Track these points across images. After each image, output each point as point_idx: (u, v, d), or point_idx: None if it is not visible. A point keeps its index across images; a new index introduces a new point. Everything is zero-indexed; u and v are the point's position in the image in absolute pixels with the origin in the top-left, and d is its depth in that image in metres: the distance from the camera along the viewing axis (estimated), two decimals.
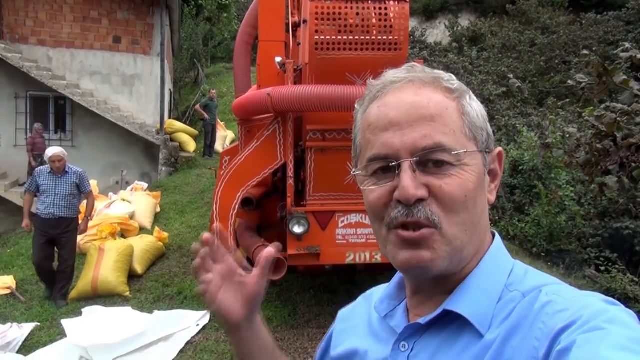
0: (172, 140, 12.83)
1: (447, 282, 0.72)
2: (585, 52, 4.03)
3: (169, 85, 14.71)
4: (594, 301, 0.62)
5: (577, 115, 10.34)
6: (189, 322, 5.04)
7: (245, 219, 4.84)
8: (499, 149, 0.78)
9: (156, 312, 5.32)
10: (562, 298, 0.64)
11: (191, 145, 13.41)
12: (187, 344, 4.66)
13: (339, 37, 3.82)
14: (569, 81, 3.85)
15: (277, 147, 4.25)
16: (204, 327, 4.98)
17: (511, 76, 3.79)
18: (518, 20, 19.11)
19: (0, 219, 11.08)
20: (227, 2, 22.63)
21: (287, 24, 5.19)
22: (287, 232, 4.30)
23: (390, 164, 0.70)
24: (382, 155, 0.71)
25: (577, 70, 14.46)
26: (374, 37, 3.83)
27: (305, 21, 4.06)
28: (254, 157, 4.27)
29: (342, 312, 1.00)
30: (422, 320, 0.72)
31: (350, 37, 3.81)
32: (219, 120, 14.03)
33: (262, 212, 4.92)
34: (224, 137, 14.28)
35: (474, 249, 0.72)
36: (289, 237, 4.26)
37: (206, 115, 12.93)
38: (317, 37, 3.77)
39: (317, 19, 3.78)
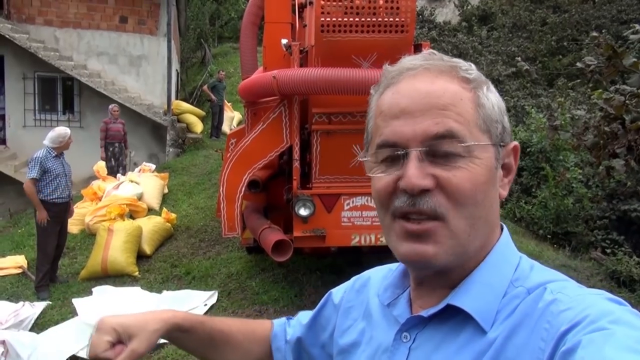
0: (179, 121, 12.85)
1: (451, 275, 0.71)
2: (594, 34, 3.98)
3: (175, 66, 14.67)
4: (599, 300, 0.61)
5: (587, 96, 10.22)
6: (197, 301, 5.12)
7: (251, 201, 4.88)
8: (514, 143, 0.75)
9: (165, 292, 5.41)
10: (567, 296, 0.63)
11: (198, 127, 13.42)
12: None
13: (345, 19, 3.78)
14: (578, 63, 3.80)
15: (283, 130, 4.25)
16: (212, 307, 5.07)
17: (519, 58, 3.75)
18: None
19: (11, 199, 11.21)
20: None
21: (293, 5, 5.14)
22: (292, 214, 4.34)
23: (398, 152, 0.69)
24: (390, 143, 0.70)
25: (588, 50, 14.23)
26: (380, 19, 3.79)
27: (311, 2, 4.03)
28: (260, 139, 4.28)
29: (336, 294, 0.99)
30: (425, 313, 0.72)
31: (357, 19, 3.78)
32: (226, 102, 14.00)
33: (268, 195, 4.95)
34: (231, 118, 14.27)
35: (480, 244, 0.71)
36: (295, 219, 4.29)
37: (213, 96, 12.91)
38: (323, 19, 3.74)
39: (323, 0, 3.74)
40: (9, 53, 11.41)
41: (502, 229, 0.76)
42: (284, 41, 4.38)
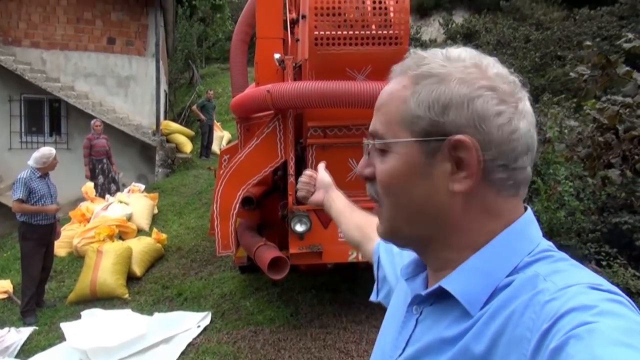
0: (168, 141, 12.76)
1: (446, 260, 0.76)
2: (587, 43, 4.01)
3: (164, 87, 14.63)
4: (583, 290, 0.61)
5: (573, 110, 10.33)
6: (189, 323, 4.99)
7: (245, 218, 4.78)
8: (457, 137, 0.70)
9: (156, 314, 5.26)
10: (554, 285, 0.63)
11: (187, 146, 13.35)
12: (188, 345, 4.60)
13: (339, 32, 3.77)
14: (571, 73, 3.81)
15: (277, 145, 4.19)
16: (205, 329, 4.92)
17: (512, 71, 3.75)
18: (512, 16, 19.09)
19: None
20: (221, 2, 22.56)
21: (285, 21, 5.14)
22: (288, 230, 4.25)
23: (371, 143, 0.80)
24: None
25: (572, 65, 14.46)
26: (374, 32, 3.78)
27: (304, 17, 4.01)
28: (254, 155, 4.21)
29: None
30: (423, 292, 0.78)
31: (350, 32, 3.77)
32: (215, 121, 13.98)
33: (262, 211, 4.87)
34: (221, 137, 14.23)
35: (426, 232, 0.76)
36: (291, 235, 4.21)
37: (202, 116, 12.87)
38: (316, 33, 3.73)
39: (316, 14, 3.73)
40: None
41: (524, 213, 0.76)
42: (277, 56, 4.35)
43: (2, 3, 11.62)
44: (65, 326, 4.79)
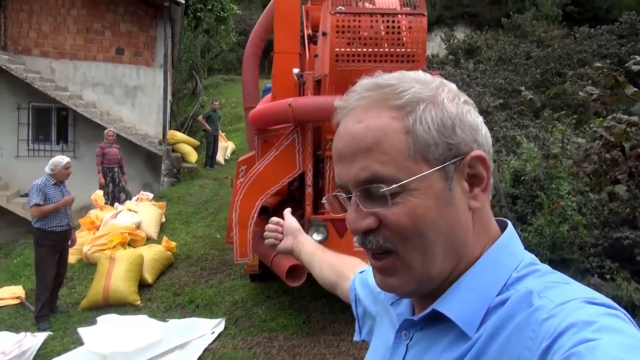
0: (174, 151, 12.89)
1: (440, 286, 0.73)
2: (598, 64, 4.18)
3: (169, 96, 14.80)
4: (581, 306, 0.60)
5: (573, 127, 10.53)
6: (204, 329, 5.08)
7: (261, 227, 4.90)
8: (475, 152, 0.71)
9: (171, 320, 5.35)
10: (550, 302, 0.62)
11: (193, 156, 13.47)
12: (204, 351, 4.69)
13: (358, 50, 3.93)
14: (580, 92, 3.97)
15: (295, 156, 4.33)
16: (220, 335, 5.02)
17: (523, 88, 3.91)
18: (513, 33, 19.40)
19: (1, 230, 11.04)
20: (226, 14, 22.82)
21: (302, 37, 5.31)
22: None
23: (344, 197, 0.74)
24: (339, 186, 0.74)
25: (572, 82, 14.71)
26: (392, 50, 3.94)
27: (324, 34, 4.17)
28: (273, 166, 4.35)
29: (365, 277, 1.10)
30: (415, 317, 0.75)
31: (369, 50, 3.93)
32: (220, 131, 14.12)
33: None
34: (225, 147, 14.36)
35: (449, 265, 0.71)
36: None
37: (208, 126, 13.02)
38: (337, 50, 3.88)
39: (337, 32, 3.89)
40: (4, 83, 11.44)
41: (505, 229, 0.77)
42: (296, 70, 4.50)
43: (13, 13, 11.81)
44: (83, 331, 4.87)
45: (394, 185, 0.67)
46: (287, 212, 1.54)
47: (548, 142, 8.56)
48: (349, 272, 1.20)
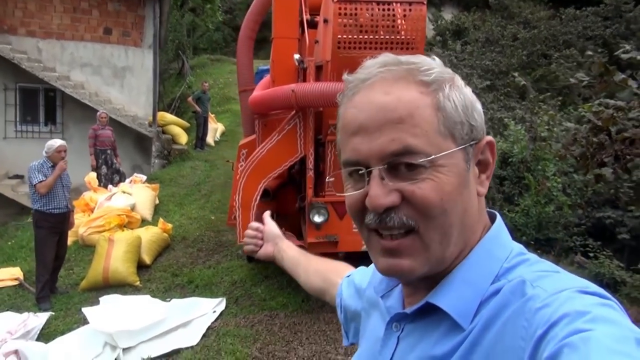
0: (164, 132, 12.87)
1: (433, 276, 0.72)
2: (589, 53, 4.34)
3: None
4: (575, 295, 0.60)
5: (558, 109, 10.76)
6: (205, 308, 5.22)
7: (261, 209, 5.04)
8: (488, 138, 0.73)
9: (174, 299, 5.49)
10: (544, 291, 0.62)
11: (183, 138, 13.46)
12: (208, 329, 4.85)
13: (360, 37, 4.02)
14: (571, 79, 4.13)
15: (297, 141, 4.45)
16: (222, 314, 5.17)
17: (516, 74, 4.07)
18: (500, 14, 19.53)
19: None
20: None
21: (301, 21, 5.36)
22: (305, 221, 4.52)
23: (360, 172, 0.69)
24: (352, 161, 0.70)
25: (557, 64, 14.93)
26: (392, 37, 4.04)
27: (326, 20, 4.25)
28: (276, 150, 4.46)
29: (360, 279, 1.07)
30: (408, 310, 0.75)
31: (371, 37, 4.02)
32: (209, 113, 14.09)
33: (277, 203, 5.12)
34: (215, 129, 14.35)
35: (458, 249, 0.71)
36: (309, 226, 4.48)
37: (197, 108, 12.99)
38: (339, 37, 3.97)
39: (339, 19, 3.97)
40: None
41: (494, 220, 0.77)
42: (297, 56, 4.58)
43: None
44: (87, 311, 4.98)
45: (425, 159, 0.65)
46: (267, 215, 1.49)
47: (535, 125, 8.78)
48: (337, 278, 1.18)
